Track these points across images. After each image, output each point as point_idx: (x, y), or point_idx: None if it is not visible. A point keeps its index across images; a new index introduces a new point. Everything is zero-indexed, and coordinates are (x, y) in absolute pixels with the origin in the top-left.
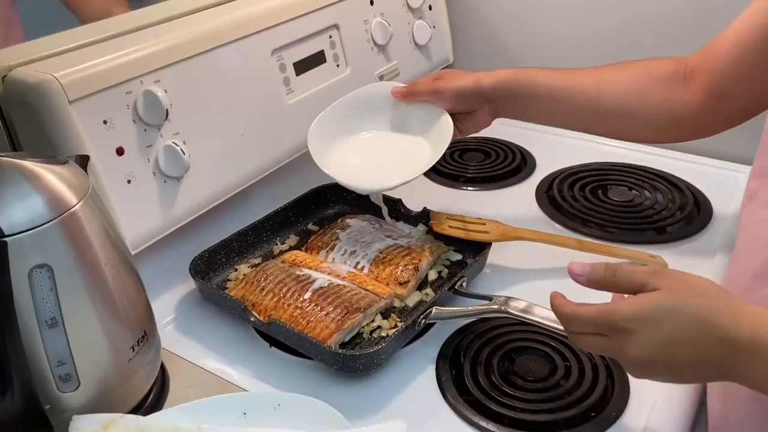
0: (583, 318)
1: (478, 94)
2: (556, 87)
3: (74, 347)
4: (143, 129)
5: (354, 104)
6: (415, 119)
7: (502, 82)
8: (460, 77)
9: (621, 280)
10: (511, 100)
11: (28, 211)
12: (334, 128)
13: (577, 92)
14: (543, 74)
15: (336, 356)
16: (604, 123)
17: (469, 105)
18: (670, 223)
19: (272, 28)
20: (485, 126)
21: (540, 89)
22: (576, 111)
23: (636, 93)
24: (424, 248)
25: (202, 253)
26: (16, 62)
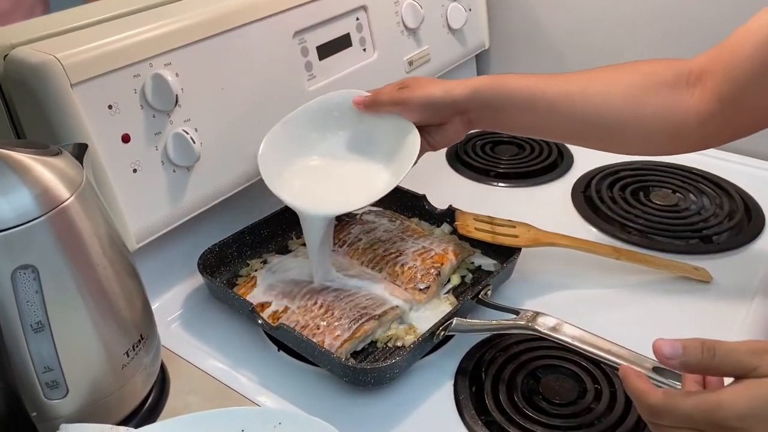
0: (677, 412)
1: (449, 104)
2: (536, 96)
3: (62, 353)
4: (151, 115)
5: (314, 115)
6: (380, 132)
7: (476, 92)
8: (428, 86)
9: (722, 363)
10: (486, 111)
11: (14, 206)
12: (291, 143)
13: (561, 102)
14: (522, 82)
15: (346, 368)
16: (594, 135)
17: (439, 117)
18: (717, 232)
19: (295, 8)
20: (458, 139)
21: (517, 98)
22: (560, 122)
23: (630, 103)
24: (448, 250)
25: (212, 247)
26: (19, 41)
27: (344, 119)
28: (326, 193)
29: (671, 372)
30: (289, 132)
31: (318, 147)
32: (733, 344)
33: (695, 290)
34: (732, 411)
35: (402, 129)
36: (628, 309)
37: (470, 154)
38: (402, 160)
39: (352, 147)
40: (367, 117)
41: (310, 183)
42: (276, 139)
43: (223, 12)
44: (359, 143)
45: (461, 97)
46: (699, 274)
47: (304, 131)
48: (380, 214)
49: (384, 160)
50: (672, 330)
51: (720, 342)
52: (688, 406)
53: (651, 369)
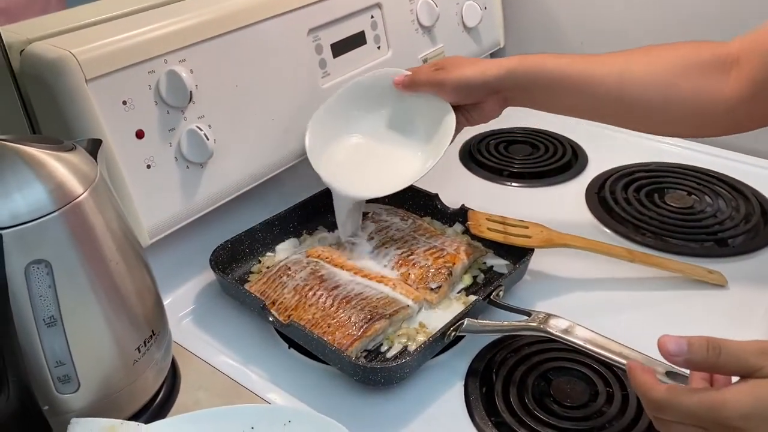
0: (680, 408)
1: (483, 85)
2: (573, 77)
3: (74, 348)
4: (165, 111)
5: (356, 94)
6: (418, 111)
7: (510, 72)
8: (463, 67)
9: (727, 362)
10: (520, 91)
11: (28, 201)
12: (335, 122)
13: (597, 83)
14: (556, 62)
15: (356, 367)
16: (628, 116)
17: (474, 97)
18: (732, 235)
19: (309, 5)
20: (494, 116)
21: (552, 79)
22: (594, 103)
23: (665, 86)
24: (459, 250)
25: (224, 243)
26: (35, 36)
27: (385, 98)
28: (363, 174)
29: (684, 376)
30: (332, 112)
31: (360, 125)
32: (739, 343)
33: (710, 294)
34: (736, 410)
35: (439, 109)
36: (642, 312)
37: (483, 153)
38: (438, 142)
39: (392, 125)
40: (406, 96)
41: (349, 162)
42: (320, 119)
43: (238, 9)
44: (399, 121)
45: (495, 78)
46: (714, 278)
47: (346, 110)
48: (392, 213)
49: (422, 140)
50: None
51: (726, 341)
52: (692, 403)
53: (664, 373)
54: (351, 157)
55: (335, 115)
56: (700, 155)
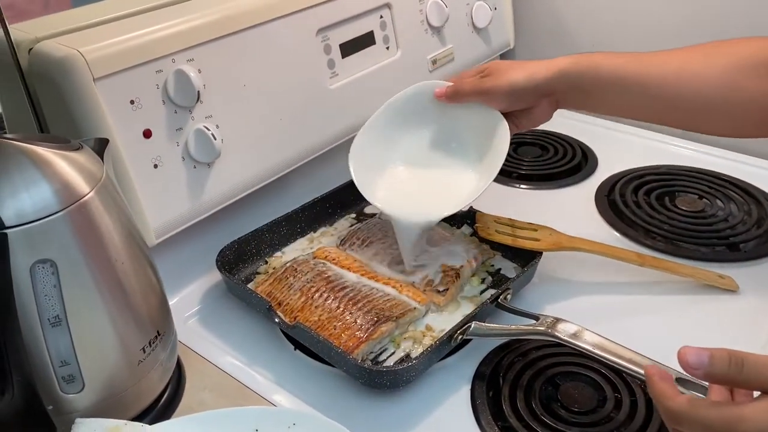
0: (698, 421)
1: (534, 90)
2: (628, 77)
3: (79, 347)
4: (173, 111)
5: (395, 114)
6: (465, 123)
7: (561, 74)
8: (510, 72)
9: (749, 377)
10: (573, 93)
11: (34, 200)
12: (377, 148)
13: (653, 83)
14: (610, 61)
15: (362, 370)
16: (685, 118)
17: (525, 102)
18: (744, 240)
19: (318, 5)
20: (546, 120)
21: (607, 80)
22: (651, 103)
23: (725, 87)
24: (468, 252)
25: (230, 244)
26: (43, 34)
27: (426, 113)
28: (422, 199)
29: (695, 383)
30: (372, 138)
31: (405, 146)
32: (763, 358)
33: (721, 299)
34: (753, 427)
35: (489, 118)
36: (651, 317)
37: None
38: (494, 154)
39: (438, 142)
40: (449, 108)
41: (405, 188)
42: (361, 148)
43: (246, 8)
44: (446, 137)
45: (545, 81)
46: (725, 283)
47: (387, 133)
48: None
49: (474, 154)
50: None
51: (749, 355)
52: (710, 416)
53: (674, 379)
54: (405, 184)
55: (377, 141)
56: (711, 158)
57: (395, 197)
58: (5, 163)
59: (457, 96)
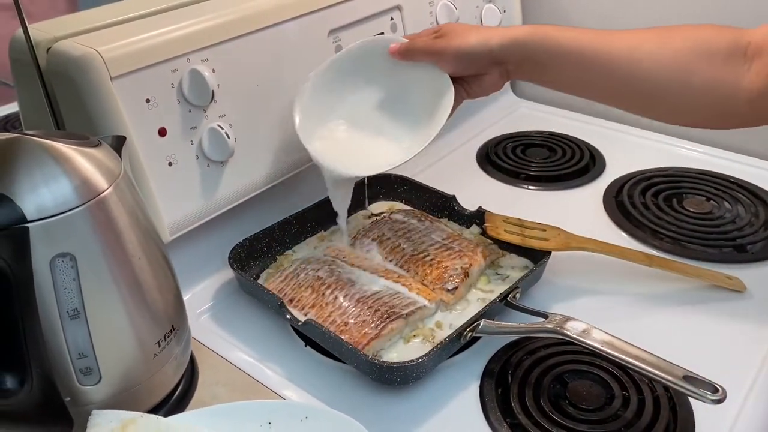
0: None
1: (486, 55)
2: (583, 52)
3: (96, 340)
4: (188, 110)
5: (348, 63)
6: (414, 83)
7: (516, 43)
8: (464, 35)
9: None
10: (526, 63)
11: (54, 195)
12: (325, 95)
13: (606, 59)
14: (567, 35)
15: (372, 366)
16: (637, 99)
17: (476, 67)
18: (751, 241)
19: (330, 7)
20: (496, 90)
21: (561, 52)
22: (603, 82)
23: (678, 70)
24: (477, 252)
25: (242, 241)
26: (62, 34)
27: (378, 67)
28: (356, 153)
29: (702, 381)
30: (322, 84)
31: (350, 100)
32: None
33: (728, 300)
34: None
35: (437, 80)
36: (659, 317)
37: (501, 156)
38: (434, 119)
39: (387, 96)
40: (400, 66)
41: (343, 139)
42: (309, 92)
43: (260, 9)
44: (393, 95)
45: (499, 47)
46: (732, 284)
47: (337, 82)
48: (409, 214)
49: (417, 116)
50: (703, 339)
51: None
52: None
53: (681, 377)
54: (343, 138)
55: (325, 88)
56: (719, 160)
57: (330, 149)
58: (26, 158)
59: (409, 53)
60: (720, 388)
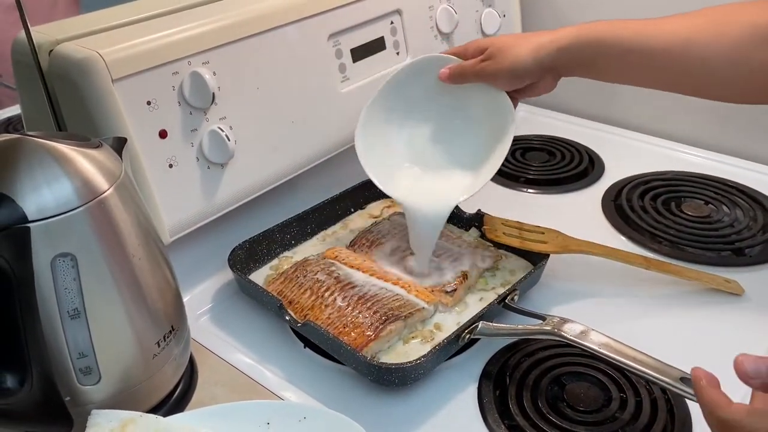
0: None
1: (539, 68)
2: (633, 50)
3: (96, 340)
4: (188, 112)
5: (396, 93)
6: (467, 101)
7: (565, 51)
8: (513, 51)
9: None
10: (577, 67)
11: (56, 196)
12: (382, 136)
13: (659, 56)
14: (614, 34)
15: (371, 367)
16: (692, 87)
17: (529, 80)
18: (750, 245)
19: (331, 11)
20: (549, 91)
21: (611, 53)
22: (657, 75)
23: (736, 60)
24: (476, 254)
25: (242, 244)
26: (64, 37)
27: (428, 89)
28: (437, 189)
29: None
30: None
31: (409, 126)
32: None
33: (726, 303)
34: None
35: (493, 98)
36: (657, 319)
37: None
38: (500, 135)
39: (442, 121)
40: (452, 86)
41: (418, 181)
42: (370, 136)
43: (260, 13)
44: (449, 115)
45: (550, 59)
46: (730, 287)
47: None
48: None
49: (479, 133)
50: (701, 342)
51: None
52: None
53: (678, 379)
54: (419, 177)
55: (382, 129)
56: (717, 164)
57: (413, 193)
58: (28, 159)
59: (461, 78)
60: None
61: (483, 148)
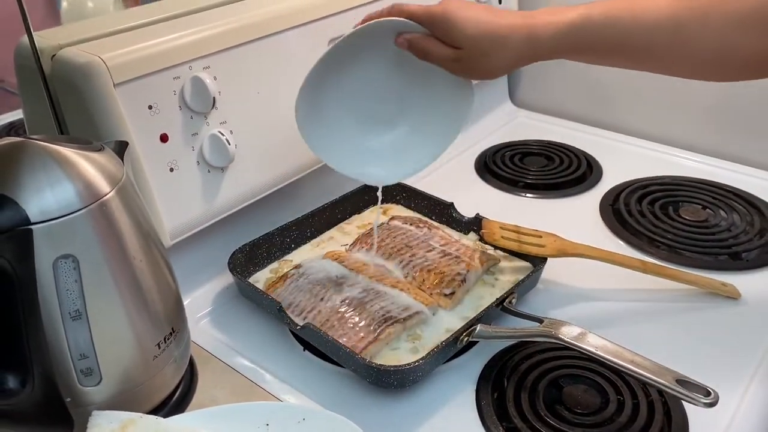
0: None
1: (524, 64)
2: (620, 45)
3: (97, 341)
4: (189, 116)
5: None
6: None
7: (555, 52)
8: (494, 59)
9: None
10: (574, 56)
11: (58, 198)
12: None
13: (643, 47)
14: (599, 30)
15: (369, 369)
16: (674, 69)
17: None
18: (746, 249)
19: (331, 16)
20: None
21: (597, 50)
22: (641, 61)
23: (722, 48)
24: (474, 257)
25: (242, 247)
26: (66, 41)
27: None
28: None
29: (694, 385)
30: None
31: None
32: None
33: (723, 306)
34: None
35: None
36: (654, 323)
37: (499, 164)
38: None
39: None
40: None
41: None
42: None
43: (261, 18)
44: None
45: (544, 56)
46: (727, 290)
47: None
48: (407, 220)
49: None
50: (697, 345)
51: None
52: None
53: (675, 381)
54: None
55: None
56: (715, 169)
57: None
58: (31, 162)
59: (421, 56)
60: (712, 391)
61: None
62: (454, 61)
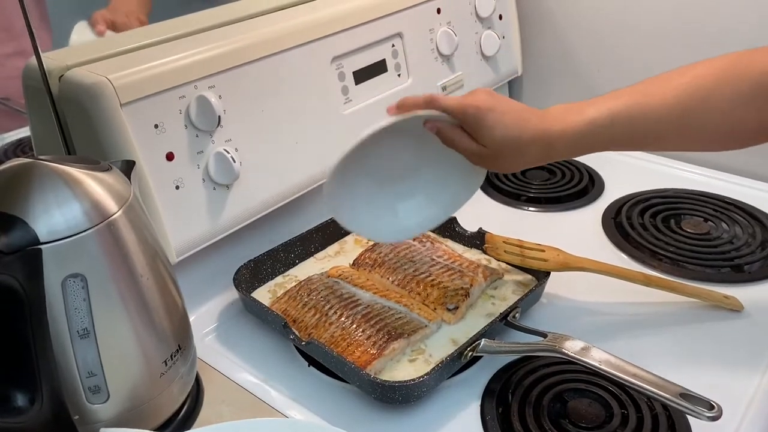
0: None
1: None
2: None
3: (105, 359)
4: (195, 135)
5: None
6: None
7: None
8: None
9: None
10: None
11: (67, 218)
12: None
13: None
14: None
15: (374, 385)
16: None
17: None
18: (749, 261)
19: (333, 35)
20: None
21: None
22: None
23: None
24: (477, 272)
25: (247, 263)
26: (74, 62)
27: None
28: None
29: (698, 398)
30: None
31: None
32: None
33: (726, 319)
34: None
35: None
36: (657, 336)
37: (501, 178)
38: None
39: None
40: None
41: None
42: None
43: (264, 38)
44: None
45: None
46: (730, 303)
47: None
48: None
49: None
50: (701, 357)
51: None
52: None
53: (678, 395)
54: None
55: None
56: (716, 182)
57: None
58: (40, 182)
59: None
60: (716, 405)
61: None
62: (476, 155)
